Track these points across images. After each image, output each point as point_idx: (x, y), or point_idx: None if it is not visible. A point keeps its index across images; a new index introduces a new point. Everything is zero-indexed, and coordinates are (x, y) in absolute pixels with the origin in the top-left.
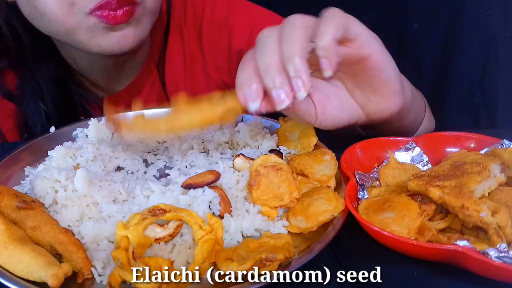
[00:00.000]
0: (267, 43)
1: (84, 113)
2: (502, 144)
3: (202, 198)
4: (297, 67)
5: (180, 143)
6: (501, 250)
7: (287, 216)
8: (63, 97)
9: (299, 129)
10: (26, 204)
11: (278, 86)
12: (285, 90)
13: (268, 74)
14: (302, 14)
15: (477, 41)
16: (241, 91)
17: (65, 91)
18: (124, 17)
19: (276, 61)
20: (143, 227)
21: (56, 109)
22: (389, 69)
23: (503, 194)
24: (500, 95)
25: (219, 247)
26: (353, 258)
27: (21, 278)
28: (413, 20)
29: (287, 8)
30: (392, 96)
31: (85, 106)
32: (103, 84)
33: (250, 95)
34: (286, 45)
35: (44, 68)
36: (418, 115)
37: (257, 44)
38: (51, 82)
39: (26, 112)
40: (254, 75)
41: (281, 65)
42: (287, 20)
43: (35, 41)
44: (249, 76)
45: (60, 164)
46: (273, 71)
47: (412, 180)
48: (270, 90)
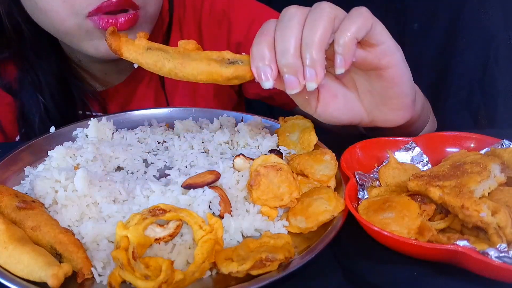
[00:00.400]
0: (291, 23)
1: (83, 107)
2: (502, 144)
3: (202, 198)
4: (313, 57)
5: (180, 143)
6: (501, 250)
7: (287, 216)
8: (62, 89)
9: (299, 129)
10: (26, 204)
11: (292, 72)
12: (297, 77)
13: (284, 57)
14: (331, 3)
15: (477, 41)
16: (255, 65)
17: (64, 83)
18: (125, 24)
19: (295, 45)
20: (143, 227)
21: (54, 102)
22: (405, 84)
23: (503, 194)
24: (500, 95)
25: (219, 247)
26: (353, 258)
27: (21, 278)
28: (413, 20)
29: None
30: (401, 110)
31: (84, 99)
32: (102, 77)
33: (264, 73)
34: (308, 31)
35: (44, 61)
36: (424, 122)
37: (280, 19)
38: (50, 74)
39: (24, 104)
40: (271, 51)
41: (299, 50)
42: (317, 5)
43: (36, 33)
44: (266, 52)
45: (60, 164)
46: (289, 56)
47: (412, 180)
48: (283, 73)
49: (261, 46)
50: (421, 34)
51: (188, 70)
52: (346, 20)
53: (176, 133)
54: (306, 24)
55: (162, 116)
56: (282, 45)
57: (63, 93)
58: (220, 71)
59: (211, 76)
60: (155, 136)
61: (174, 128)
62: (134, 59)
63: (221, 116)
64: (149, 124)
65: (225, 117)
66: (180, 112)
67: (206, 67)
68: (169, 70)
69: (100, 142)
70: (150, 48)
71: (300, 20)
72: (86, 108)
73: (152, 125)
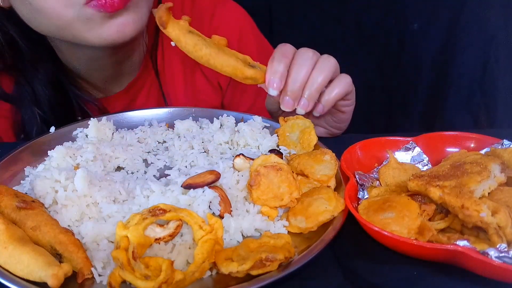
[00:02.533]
0: (307, 63)
1: (82, 115)
2: (502, 144)
3: (202, 198)
4: (311, 95)
5: (180, 143)
6: (501, 250)
7: (287, 216)
8: (60, 99)
9: (299, 129)
10: (26, 204)
11: (292, 97)
12: (294, 102)
13: (293, 84)
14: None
15: (477, 41)
16: (270, 76)
17: (63, 93)
18: (121, 3)
19: (303, 80)
20: (143, 227)
21: (53, 112)
22: (350, 115)
23: (503, 194)
24: (500, 95)
25: (219, 247)
26: (353, 258)
27: (21, 278)
28: (413, 20)
29: (286, 9)
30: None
31: (83, 108)
32: (101, 85)
33: (276, 84)
34: (315, 74)
35: (41, 72)
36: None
37: (300, 55)
38: (48, 84)
39: (22, 116)
40: (285, 71)
41: (304, 84)
42: (327, 57)
43: (32, 46)
44: (282, 70)
45: (60, 164)
46: (297, 86)
47: (412, 180)
48: (285, 94)
49: (280, 64)
50: (421, 34)
51: (219, 60)
52: (335, 81)
53: (176, 133)
54: (315, 68)
55: (162, 116)
56: (295, 76)
57: (62, 103)
58: (243, 69)
59: (235, 71)
60: (155, 136)
61: (174, 128)
62: (175, 36)
63: (221, 116)
64: (149, 124)
65: (225, 117)
66: (180, 112)
67: (234, 63)
68: (204, 55)
69: (100, 142)
70: (191, 31)
71: (313, 63)
72: (85, 116)
73: (152, 125)
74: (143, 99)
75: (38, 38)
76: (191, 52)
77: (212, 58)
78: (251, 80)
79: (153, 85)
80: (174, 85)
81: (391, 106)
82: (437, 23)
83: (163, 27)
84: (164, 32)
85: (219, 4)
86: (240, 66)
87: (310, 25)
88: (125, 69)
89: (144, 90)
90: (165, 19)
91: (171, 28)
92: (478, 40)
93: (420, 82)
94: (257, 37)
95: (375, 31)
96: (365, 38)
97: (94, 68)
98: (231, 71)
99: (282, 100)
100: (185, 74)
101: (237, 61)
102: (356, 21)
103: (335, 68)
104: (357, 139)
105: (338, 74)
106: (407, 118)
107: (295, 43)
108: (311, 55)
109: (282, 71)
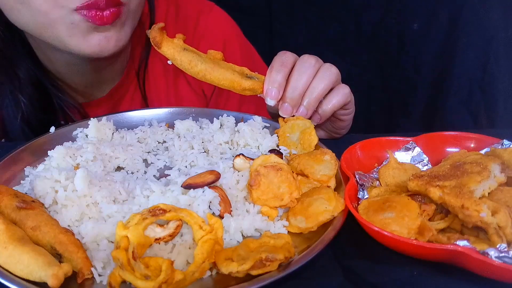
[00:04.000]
0: (308, 71)
1: (65, 118)
2: (502, 144)
3: (202, 198)
4: (309, 103)
5: (180, 143)
6: (501, 250)
7: (287, 216)
8: (42, 100)
9: (299, 129)
10: (26, 204)
11: (291, 104)
12: (292, 109)
13: (293, 92)
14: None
15: (477, 41)
16: (268, 86)
17: (44, 94)
18: (110, 18)
19: (303, 88)
20: (143, 227)
21: (35, 112)
22: (351, 121)
23: (503, 194)
24: (500, 95)
25: (219, 247)
26: (353, 258)
27: (21, 278)
28: (413, 20)
29: (286, 9)
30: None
31: (66, 111)
32: (82, 89)
33: (274, 94)
34: (315, 84)
35: (21, 70)
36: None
37: (301, 63)
38: (28, 83)
39: (2, 116)
40: (283, 81)
41: (303, 91)
42: (329, 66)
43: (9, 40)
44: (280, 80)
45: (60, 164)
46: (296, 94)
47: (412, 180)
48: (285, 101)
49: (279, 74)
50: (421, 34)
51: (216, 74)
52: (333, 92)
53: (176, 133)
54: (316, 77)
55: (162, 116)
56: (295, 84)
57: (43, 104)
58: (240, 81)
59: (232, 83)
60: (155, 136)
61: (174, 128)
62: (171, 54)
63: (221, 116)
64: (149, 124)
65: (225, 117)
66: (180, 112)
67: (231, 76)
68: (199, 71)
69: (100, 142)
70: (186, 49)
71: (314, 71)
72: (68, 118)
73: (152, 125)
74: (126, 105)
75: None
76: (187, 69)
77: (209, 73)
78: (250, 91)
79: (136, 91)
80: (157, 92)
81: (391, 106)
82: (437, 23)
83: (158, 47)
84: (159, 52)
85: (204, 12)
86: (237, 78)
87: (310, 25)
88: (107, 75)
89: (127, 96)
90: (158, 40)
91: (165, 47)
92: (478, 40)
93: (420, 82)
94: (242, 44)
95: (375, 31)
96: (365, 38)
97: (73, 73)
98: (229, 84)
99: (281, 107)
100: (167, 81)
101: (233, 73)
102: (356, 21)
103: (336, 77)
104: (357, 139)
105: (339, 83)
106: (407, 118)
107: (295, 43)
108: (313, 63)
109: (280, 81)
